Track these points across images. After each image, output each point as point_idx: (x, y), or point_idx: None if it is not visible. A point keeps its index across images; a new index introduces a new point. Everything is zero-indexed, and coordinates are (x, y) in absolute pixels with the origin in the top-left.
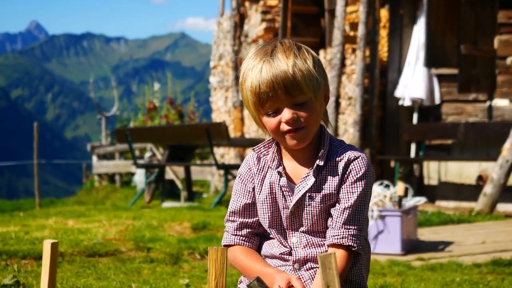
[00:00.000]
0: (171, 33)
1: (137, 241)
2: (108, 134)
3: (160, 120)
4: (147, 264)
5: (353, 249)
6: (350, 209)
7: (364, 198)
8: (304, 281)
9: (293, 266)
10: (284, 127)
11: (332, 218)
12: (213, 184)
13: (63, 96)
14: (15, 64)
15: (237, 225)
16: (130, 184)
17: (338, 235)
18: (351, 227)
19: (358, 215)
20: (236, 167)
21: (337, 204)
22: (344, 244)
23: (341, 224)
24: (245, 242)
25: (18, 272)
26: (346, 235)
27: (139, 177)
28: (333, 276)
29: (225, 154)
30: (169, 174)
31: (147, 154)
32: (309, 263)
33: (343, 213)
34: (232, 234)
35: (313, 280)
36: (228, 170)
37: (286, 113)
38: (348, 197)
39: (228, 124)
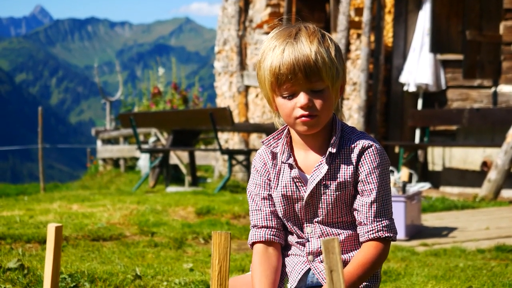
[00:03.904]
0: (175, 18)
1: (141, 226)
2: (112, 119)
3: (165, 105)
4: (151, 248)
5: (391, 239)
6: (377, 201)
7: (385, 186)
8: (320, 272)
9: (307, 257)
10: (298, 112)
11: (359, 213)
12: (217, 169)
13: (67, 80)
14: (19, 48)
15: (265, 214)
16: (134, 168)
17: (373, 229)
18: (382, 218)
19: (385, 205)
20: (240, 152)
21: (359, 197)
22: (381, 237)
23: (372, 219)
24: (274, 237)
25: (22, 255)
26: (381, 228)
27: (144, 162)
28: (336, 260)
29: (230, 139)
30: (173, 159)
31: (152, 139)
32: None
33: (371, 207)
34: (261, 227)
35: None
36: (232, 155)
37: (302, 98)
38: (370, 189)
39: (232, 109)
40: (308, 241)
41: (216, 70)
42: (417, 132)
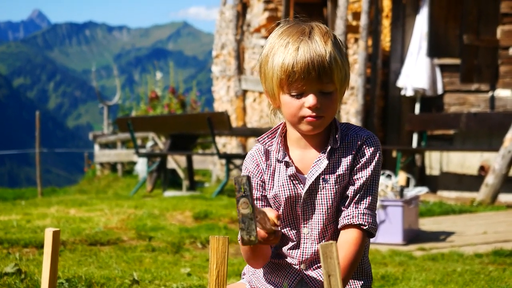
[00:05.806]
0: (173, 22)
1: (138, 230)
2: (110, 123)
3: (162, 109)
4: (148, 253)
5: (364, 228)
6: (362, 189)
7: (374, 177)
8: (313, 280)
9: (299, 266)
10: (305, 112)
11: (344, 200)
12: (214, 174)
13: (65, 85)
14: (17, 52)
15: None
16: (132, 173)
17: (348, 215)
18: (361, 206)
19: (367, 194)
20: (238, 156)
21: (350, 186)
22: (355, 223)
23: (352, 204)
24: None
25: (19, 260)
26: (356, 214)
27: (141, 166)
28: (334, 265)
29: (227, 144)
30: (171, 163)
31: (149, 143)
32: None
33: (356, 194)
34: None
35: (322, 278)
36: (230, 159)
37: (311, 99)
38: (359, 177)
39: (230, 113)
40: (301, 243)
41: (213, 75)
42: (415, 137)
